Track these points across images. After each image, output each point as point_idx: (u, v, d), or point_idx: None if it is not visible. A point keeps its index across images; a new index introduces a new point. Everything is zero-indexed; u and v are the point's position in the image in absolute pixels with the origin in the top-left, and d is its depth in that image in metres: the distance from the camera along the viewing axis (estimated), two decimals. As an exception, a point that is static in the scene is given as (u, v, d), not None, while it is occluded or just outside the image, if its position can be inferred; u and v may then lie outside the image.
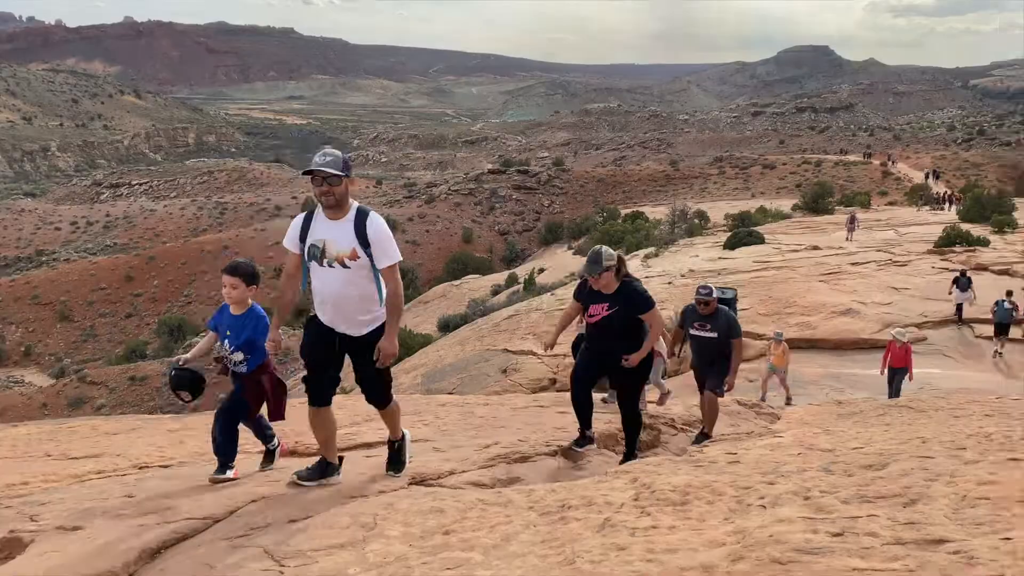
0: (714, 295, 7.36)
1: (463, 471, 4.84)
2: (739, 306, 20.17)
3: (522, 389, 15.84)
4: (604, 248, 5.71)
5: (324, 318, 4.35)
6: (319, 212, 4.34)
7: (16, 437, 5.96)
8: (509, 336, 20.70)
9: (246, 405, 4.58)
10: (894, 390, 12.39)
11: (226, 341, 4.56)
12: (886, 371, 12.76)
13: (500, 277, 42.76)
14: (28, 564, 2.85)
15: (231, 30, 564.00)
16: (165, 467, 5.04)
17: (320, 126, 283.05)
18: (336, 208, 4.23)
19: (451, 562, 2.67)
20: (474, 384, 17.26)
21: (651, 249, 36.03)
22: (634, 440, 6.00)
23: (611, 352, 5.69)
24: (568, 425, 6.61)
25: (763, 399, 12.43)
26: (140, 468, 4.98)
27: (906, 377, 12.54)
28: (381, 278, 4.31)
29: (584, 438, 5.90)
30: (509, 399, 8.65)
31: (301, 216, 4.44)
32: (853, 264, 24.40)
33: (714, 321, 7.32)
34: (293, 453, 5.36)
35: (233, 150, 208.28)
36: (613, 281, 5.66)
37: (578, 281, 6.00)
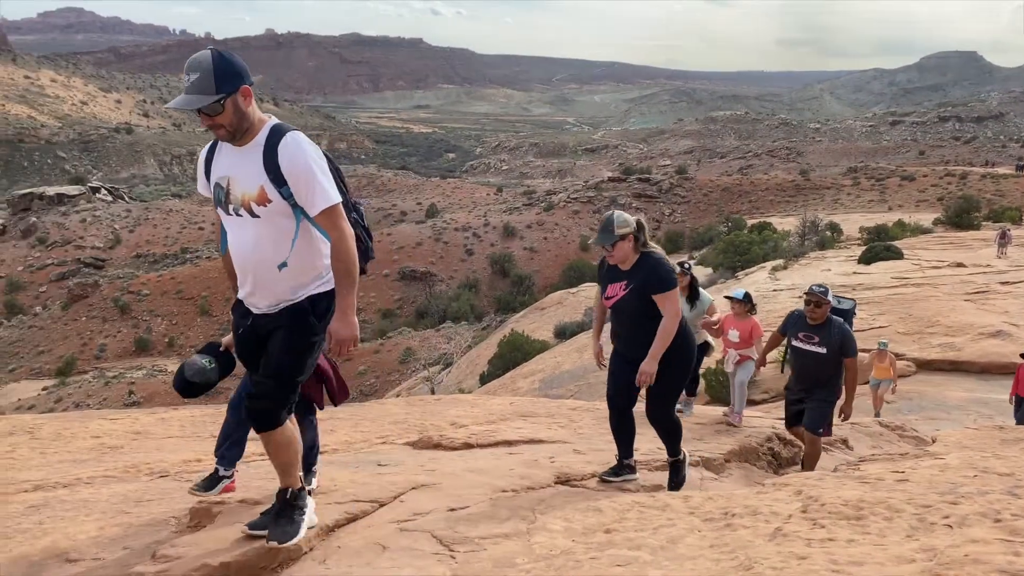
0: (829, 297, 6.00)
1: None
2: (877, 323, 19.13)
3: (641, 400, 15.70)
4: (617, 212, 4.69)
5: (242, 293, 3.14)
6: None
7: (182, 419, 6.40)
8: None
9: (303, 398, 3.57)
10: (1020, 416, 11.04)
11: None
12: (1014, 398, 11.08)
13: (619, 286, 42.38)
14: (225, 533, 3.06)
15: (363, 41, 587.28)
16: (320, 453, 5.30)
17: (445, 134, 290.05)
18: (239, 138, 2.97)
19: (620, 559, 2.69)
20: (591, 392, 17.21)
21: (779, 261, 34.89)
22: (676, 447, 4.79)
23: (637, 348, 4.59)
24: (707, 436, 6.51)
25: (878, 415, 11.65)
26: (297, 453, 5.25)
27: None
28: (321, 231, 3.01)
29: (622, 467, 4.80)
30: (638, 407, 8.58)
31: (206, 147, 3.23)
32: (1003, 283, 22.81)
33: (824, 333, 5.94)
34: (437, 447, 5.51)
35: (363, 157, 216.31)
36: (631, 253, 4.64)
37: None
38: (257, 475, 4.25)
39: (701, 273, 41.90)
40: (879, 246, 33.17)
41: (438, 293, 61.45)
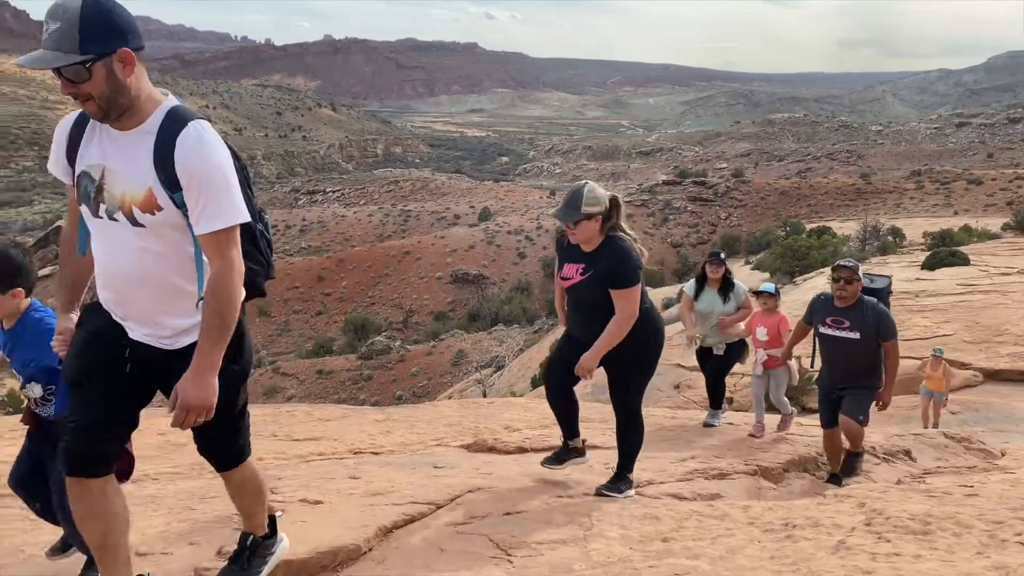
0: (860, 274, 5.38)
1: (661, 482, 4.82)
2: (941, 331, 18.60)
3: (696, 406, 15.51)
4: (590, 186, 3.96)
5: (110, 308, 2.41)
6: None
7: (243, 417, 6.55)
8: (682, 351, 20.34)
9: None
10: None
11: (14, 370, 2.89)
12: None
13: (671, 290, 41.98)
14: (287, 530, 3.13)
15: (419, 46, 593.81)
16: (376, 454, 5.37)
17: (498, 138, 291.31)
18: (114, 117, 2.22)
19: (678, 568, 2.67)
20: (645, 399, 17.07)
21: (839, 267, 34.15)
22: (627, 460, 4.33)
23: (592, 336, 4.02)
24: (764, 444, 6.40)
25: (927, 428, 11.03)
26: (355, 453, 5.34)
27: None
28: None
29: (567, 450, 4.39)
30: (696, 415, 8.48)
31: (72, 116, 2.41)
32: (1078, 291, 21.93)
33: (856, 316, 5.27)
34: (491, 450, 5.54)
35: (417, 161, 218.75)
36: (596, 235, 3.98)
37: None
38: (316, 474, 4.33)
39: (758, 279, 41.26)
40: (944, 251, 32.20)
41: (490, 296, 61.71)
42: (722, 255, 7.04)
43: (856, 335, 5.27)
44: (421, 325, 59.53)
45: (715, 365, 6.95)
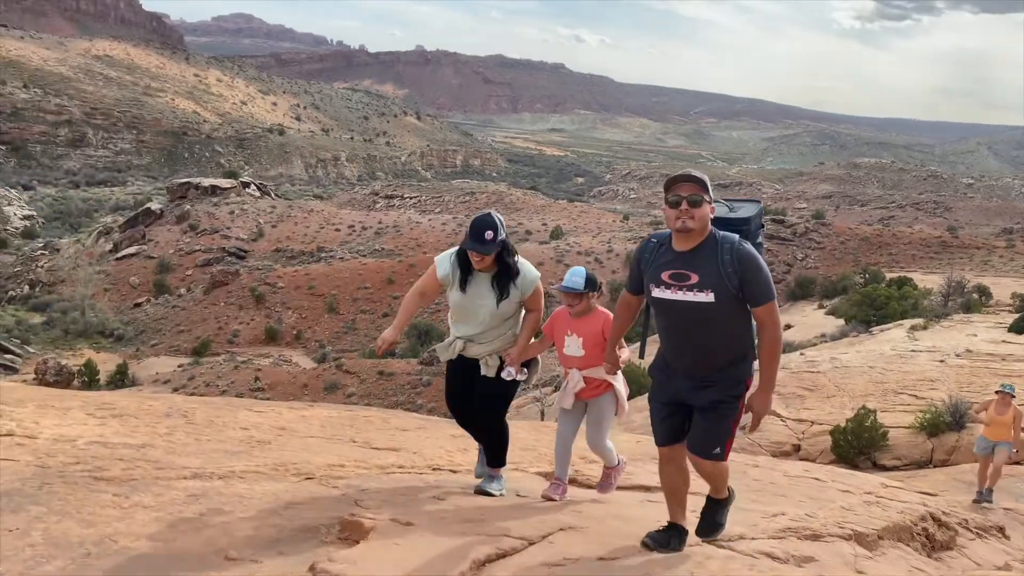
0: (709, 200, 3.30)
1: (753, 537, 4.57)
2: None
3: (761, 451, 14.99)
4: None
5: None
6: None
7: (321, 419, 6.52)
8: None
9: None
10: None
11: None
12: None
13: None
14: (381, 553, 3.03)
15: (507, 63, 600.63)
16: (454, 472, 5.25)
17: (576, 158, 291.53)
18: None
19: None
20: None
21: (919, 320, 32.88)
22: None
23: None
24: (855, 506, 6.07)
25: (982, 498, 9.16)
26: (434, 469, 5.22)
27: None
28: None
29: None
30: (778, 463, 8.15)
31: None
32: None
33: (708, 264, 3.27)
34: (572, 482, 5.36)
35: (495, 175, 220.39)
36: None
37: None
38: (399, 491, 4.23)
39: (833, 325, 39.85)
40: (1036, 316, 30.72)
41: (556, 315, 61.51)
42: (501, 234, 4.16)
43: (709, 297, 3.23)
44: (484, 339, 59.62)
45: (484, 392, 4.39)
